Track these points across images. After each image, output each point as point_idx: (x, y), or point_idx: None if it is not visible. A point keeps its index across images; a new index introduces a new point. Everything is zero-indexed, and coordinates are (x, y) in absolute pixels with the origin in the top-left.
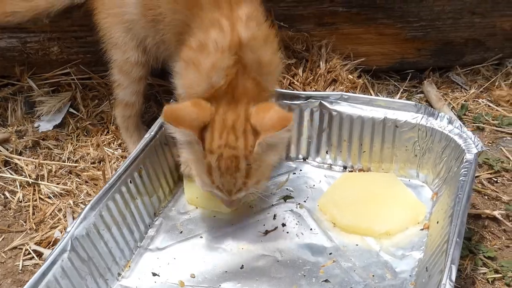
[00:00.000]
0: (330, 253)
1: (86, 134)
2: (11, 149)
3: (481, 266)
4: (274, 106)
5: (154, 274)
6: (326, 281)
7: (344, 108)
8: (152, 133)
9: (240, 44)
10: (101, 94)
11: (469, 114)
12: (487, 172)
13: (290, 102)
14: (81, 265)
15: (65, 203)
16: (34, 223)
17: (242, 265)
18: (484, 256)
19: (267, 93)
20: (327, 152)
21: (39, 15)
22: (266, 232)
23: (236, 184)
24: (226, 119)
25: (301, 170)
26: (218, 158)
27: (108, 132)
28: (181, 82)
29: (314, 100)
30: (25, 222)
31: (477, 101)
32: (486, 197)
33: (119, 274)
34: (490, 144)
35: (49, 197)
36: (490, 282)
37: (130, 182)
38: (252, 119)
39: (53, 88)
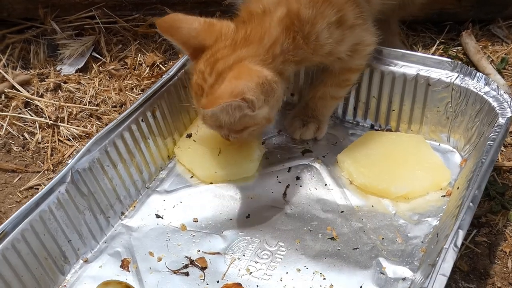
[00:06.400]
0: (342, 211)
1: (108, 78)
2: (32, 91)
3: None
4: (244, 77)
5: (157, 216)
6: (332, 238)
7: (375, 62)
8: (171, 74)
9: None
10: (125, 39)
11: (509, 68)
12: None
13: None
14: (80, 199)
15: (85, 145)
16: (52, 164)
17: (248, 214)
18: None
19: (285, 59)
20: (354, 109)
21: None
22: (285, 194)
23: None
24: (218, 52)
25: None
26: (194, 80)
27: (131, 77)
28: None
29: None
30: (43, 163)
31: None
32: None
33: (122, 213)
34: None
35: (69, 139)
36: None
37: (142, 121)
38: (230, 73)
39: (76, 31)
